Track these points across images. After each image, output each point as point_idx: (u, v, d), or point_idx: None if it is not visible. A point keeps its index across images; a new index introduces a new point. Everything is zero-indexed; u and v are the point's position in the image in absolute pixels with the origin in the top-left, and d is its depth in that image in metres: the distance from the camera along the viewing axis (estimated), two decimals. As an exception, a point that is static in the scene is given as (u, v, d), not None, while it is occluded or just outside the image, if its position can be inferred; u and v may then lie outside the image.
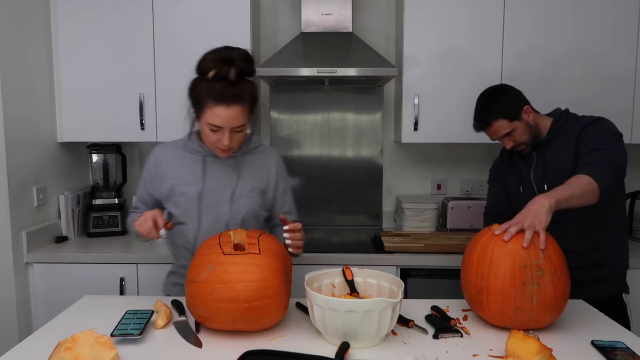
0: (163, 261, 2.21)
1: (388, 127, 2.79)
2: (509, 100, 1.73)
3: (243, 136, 1.51)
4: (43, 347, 1.19)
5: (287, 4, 2.72)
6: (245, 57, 1.43)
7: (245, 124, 1.46)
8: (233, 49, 1.44)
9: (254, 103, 1.47)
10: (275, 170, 1.63)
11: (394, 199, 2.82)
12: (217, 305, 1.21)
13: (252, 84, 1.46)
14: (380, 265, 2.16)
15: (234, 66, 1.39)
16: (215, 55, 1.42)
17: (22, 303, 2.18)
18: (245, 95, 1.42)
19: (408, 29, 2.37)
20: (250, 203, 1.57)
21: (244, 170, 1.59)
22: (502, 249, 1.29)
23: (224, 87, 1.39)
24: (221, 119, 1.41)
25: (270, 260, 1.25)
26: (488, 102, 1.75)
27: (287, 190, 1.68)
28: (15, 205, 2.13)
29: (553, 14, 2.32)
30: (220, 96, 1.39)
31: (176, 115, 2.41)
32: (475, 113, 1.79)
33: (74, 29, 2.39)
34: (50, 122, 2.41)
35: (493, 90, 1.79)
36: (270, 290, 1.22)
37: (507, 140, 1.75)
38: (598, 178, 1.46)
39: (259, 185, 1.60)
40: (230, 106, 1.40)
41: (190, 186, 1.56)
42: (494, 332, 1.30)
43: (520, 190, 1.83)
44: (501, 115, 1.71)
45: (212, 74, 1.39)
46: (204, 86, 1.41)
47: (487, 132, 1.77)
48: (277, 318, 1.28)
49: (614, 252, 1.73)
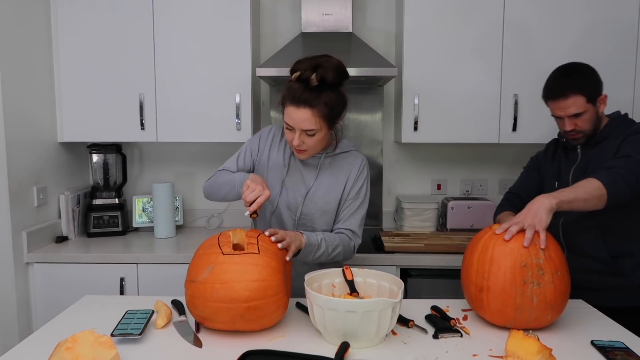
0: (163, 261, 2.22)
1: (388, 127, 2.80)
2: (595, 80, 1.62)
3: (318, 142, 1.51)
4: (43, 347, 1.19)
5: (287, 4, 2.72)
6: (334, 67, 1.44)
7: (319, 131, 1.48)
8: (328, 57, 1.46)
9: (331, 112, 1.47)
10: (356, 175, 1.62)
11: (394, 199, 2.83)
12: (216, 305, 1.21)
13: (333, 94, 1.46)
14: (380, 265, 2.16)
15: (317, 72, 1.42)
16: (308, 59, 1.46)
17: (22, 303, 2.18)
18: (318, 101, 1.44)
19: (408, 29, 2.37)
20: (322, 204, 1.59)
21: (324, 170, 1.62)
22: (503, 248, 1.29)
23: (300, 89, 1.44)
24: (291, 119, 1.46)
25: (269, 260, 1.25)
26: (574, 74, 1.62)
27: (359, 199, 1.62)
28: (15, 205, 2.13)
29: (553, 15, 2.32)
30: (293, 97, 1.44)
31: (176, 115, 2.43)
32: (552, 80, 1.66)
33: (74, 29, 2.39)
34: (50, 122, 2.41)
35: (581, 65, 1.66)
36: (270, 290, 1.22)
37: (570, 122, 1.63)
38: (608, 185, 1.42)
39: (336, 186, 1.61)
40: (300, 108, 1.44)
41: (276, 171, 1.62)
42: (494, 332, 1.31)
43: (555, 186, 1.74)
44: (582, 92, 1.58)
45: (295, 76, 1.46)
46: (288, 86, 1.47)
47: (558, 104, 1.63)
48: (276, 318, 1.28)
49: (635, 264, 1.63)
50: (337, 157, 1.64)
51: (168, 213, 2.51)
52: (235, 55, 2.39)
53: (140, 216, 2.64)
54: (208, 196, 1.63)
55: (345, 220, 1.61)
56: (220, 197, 1.57)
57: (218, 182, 1.58)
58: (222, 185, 1.55)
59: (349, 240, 1.60)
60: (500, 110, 2.38)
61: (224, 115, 2.42)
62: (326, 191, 1.60)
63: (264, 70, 2.25)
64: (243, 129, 2.42)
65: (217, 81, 2.41)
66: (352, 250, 1.62)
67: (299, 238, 1.44)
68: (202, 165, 2.81)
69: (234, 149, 2.78)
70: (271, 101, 2.77)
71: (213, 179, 1.62)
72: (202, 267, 1.25)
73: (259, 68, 2.25)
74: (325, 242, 1.52)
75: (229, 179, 1.54)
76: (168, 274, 2.21)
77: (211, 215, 2.80)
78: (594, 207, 1.43)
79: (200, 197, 2.82)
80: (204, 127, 2.43)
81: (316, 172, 1.61)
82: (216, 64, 2.40)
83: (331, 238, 1.54)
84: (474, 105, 2.39)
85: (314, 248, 1.49)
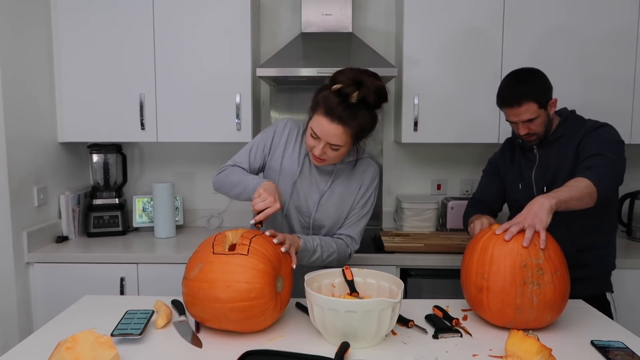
0: (163, 261, 2.22)
1: (388, 127, 2.80)
2: (546, 86, 1.68)
3: (340, 155, 1.49)
4: (43, 346, 1.20)
5: (287, 4, 2.72)
6: (377, 89, 1.39)
7: (344, 147, 1.45)
8: (373, 75, 1.41)
9: (362, 132, 1.44)
10: (367, 185, 1.61)
11: (394, 199, 2.83)
12: (204, 303, 1.22)
13: (368, 115, 1.42)
14: (380, 265, 2.16)
15: (360, 91, 1.37)
16: (352, 72, 1.40)
17: (22, 303, 2.18)
18: (353, 120, 1.39)
19: (408, 29, 2.37)
20: (334, 212, 1.59)
21: (338, 177, 1.60)
22: (503, 249, 1.30)
23: (338, 103, 1.38)
24: (321, 130, 1.41)
25: (257, 262, 1.23)
26: (526, 81, 1.66)
27: (365, 208, 1.62)
28: (15, 205, 2.13)
29: (554, 16, 2.32)
30: (330, 109, 1.38)
31: (176, 115, 2.43)
32: (506, 88, 1.70)
33: (74, 29, 2.39)
34: (50, 122, 2.41)
35: (532, 71, 1.70)
36: (254, 292, 1.20)
37: (524, 127, 1.70)
38: (597, 183, 1.47)
39: (347, 195, 1.60)
40: (333, 122, 1.39)
41: (288, 172, 1.59)
42: (494, 332, 1.31)
43: (519, 187, 1.83)
44: (535, 99, 1.64)
45: (335, 87, 1.39)
46: (325, 95, 1.41)
47: (512, 110, 1.68)
48: (264, 322, 1.26)
49: (599, 255, 1.76)
50: (351, 163, 1.62)
51: (168, 213, 2.51)
52: (235, 55, 2.39)
53: (141, 216, 2.64)
54: (218, 190, 1.59)
55: (348, 227, 1.61)
56: (232, 196, 1.54)
57: (230, 179, 1.53)
58: (235, 185, 1.51)
59: (347, 247, 1.60)
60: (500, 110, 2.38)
61: (224, 115, 2.42)
62: (338, 199, 1.59)
63: (264, 70, 2.25)
64: (243, 129, 2.43)
65: (217, 81, 2.41)
66: (348, 256, 1.62)
67: (296, 241, 1.44)
68: (202, 165, 2.81)
69: (234, 148, 2.77)
70: (271, 101, 2.77)
71: (224, 174, 1.56)
72: (194, 265, 1.26)
73: (259, 68, 2.25)
74: (321, 247, 1.52)
75: (242, 179, 1.50)
76: (168, 274, 2.21)
77: (211, 215, 2.80)
78: (585, 206, 1.46)
79: (201, 197, 2.82)
80: (204, 127, 2.43)
81: (330, 179, 1.59)
82: (216, 64, 2.40)
83: (328, 244, 1.54)
84: (474, 105, 2.39)
85: (309, 253, 1.49)
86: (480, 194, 1.97)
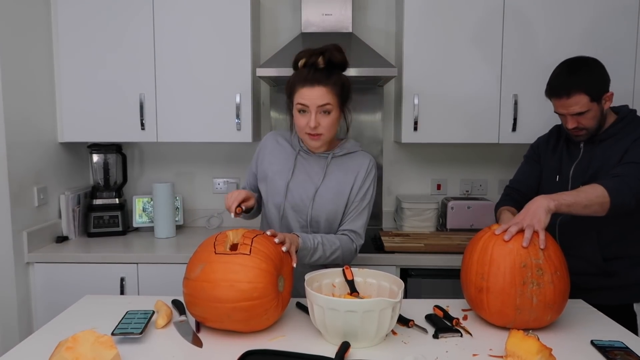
0: (163, 261, 2.22)
1: (388, 127, 2.80)
2: (601, 78, 1.56)
3: (332, 125, 1.53)
4: (44, 346, 1.20)
5: (287, 4, 2.72)
6: (338, 49, 1.51)
7: (332, 105, 1.50)
8: (328, 45, 1.52)
9: (343, 90, 1.52)
10: (363, 176, 1.61)
11: (393, 199, 2.83)
12: (206, 303, 1.22)
13: (341, 73, 1.53)
14: (380, 265, 2.16)
15: (323, 55, 1.48)
16: (309, 49, 1.52)
17: (22, 303, 2.18)
18: (330, 79, 1.48)
19: (408, 29, 2.37)
20: (330, 205, 1.59)
21: (331, 170, 1.61)
22: (502, 249, 1.30)
23: (311, 71, 1.49)
24: (306, 98, 1.48)
25: (259, 262, 1.23)
26: (579, 71, 1.55)
27: (365, 201, 1.61)
28: (16, 205, 2.13)
29: (553, 17, 2.32)
30: (305, 79, 1.48)
31: (176, 115, 2.43)
32: (556, 77, 1.60)
33: (74, 29, 2.39)
34: (50, 122, 2.41)
35: (586, 60, 1.58)
36: (257, 292, 1.20)
37: (573, 120, 1.59)
38: (613, 193, 1.41)
39: (343, 187, 1.60)
40: (314, 86, 1.48)
41: (281, 175, 1.62)
42: (494, 332, 1.31)
43: (555, 180, 1.72)
44: (586, 91, 1.53)
45: (301, 63, 1.51)
46: (295, 74, 1.53)
47: (560, 102, 1.58)
48: (267, 321, 1.26)
49: (627, 265, 1.64)
50: (344, 157, 1.62)
51: (168, 213, 2.51)
52: (235, 55, 2.39)
53: (141, 216, 2.64)
54: None
55: (350, 222, 1.61)
56: None
57: None
58: None
59: (351, 242, 1.59)
60: (500, 110, 2.38)
61: (224, 115, 2.42)
62: (334, 192, 1.59)
63: (264, 70, 2.25)
64: (243, 129, 2.43)
65: (217, 81, 2.41)
66: (354, 252, 1.61)
67: (295, 240, 1.43)
68: (202, 165, 2.81)
69: (234, 148, 2.79)
70: (271, 101, 2.77)
71: None
72: (196, 265, 1.26)
73: (259, 68, 2.25)
74: (323, 245, 1.51)
75: None
76: (168, 274, 2.21)
77: (211, 215, 2.80)
78: (594, 214, 1.42)
79: (200, 197, 2.82)
80: (204, 127, 2.43)
81: (323, 172, 1.60)
82: (216, 64, 2.40)
83: (330, 241, 1.54)
84: (474, 105, 2.39)
85: (310, 252, 1.48)
86: (517, 182, 1.85)
